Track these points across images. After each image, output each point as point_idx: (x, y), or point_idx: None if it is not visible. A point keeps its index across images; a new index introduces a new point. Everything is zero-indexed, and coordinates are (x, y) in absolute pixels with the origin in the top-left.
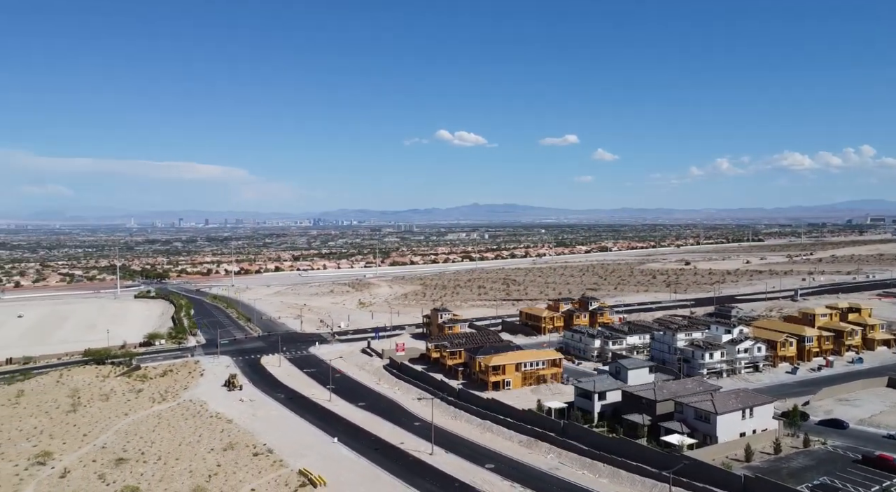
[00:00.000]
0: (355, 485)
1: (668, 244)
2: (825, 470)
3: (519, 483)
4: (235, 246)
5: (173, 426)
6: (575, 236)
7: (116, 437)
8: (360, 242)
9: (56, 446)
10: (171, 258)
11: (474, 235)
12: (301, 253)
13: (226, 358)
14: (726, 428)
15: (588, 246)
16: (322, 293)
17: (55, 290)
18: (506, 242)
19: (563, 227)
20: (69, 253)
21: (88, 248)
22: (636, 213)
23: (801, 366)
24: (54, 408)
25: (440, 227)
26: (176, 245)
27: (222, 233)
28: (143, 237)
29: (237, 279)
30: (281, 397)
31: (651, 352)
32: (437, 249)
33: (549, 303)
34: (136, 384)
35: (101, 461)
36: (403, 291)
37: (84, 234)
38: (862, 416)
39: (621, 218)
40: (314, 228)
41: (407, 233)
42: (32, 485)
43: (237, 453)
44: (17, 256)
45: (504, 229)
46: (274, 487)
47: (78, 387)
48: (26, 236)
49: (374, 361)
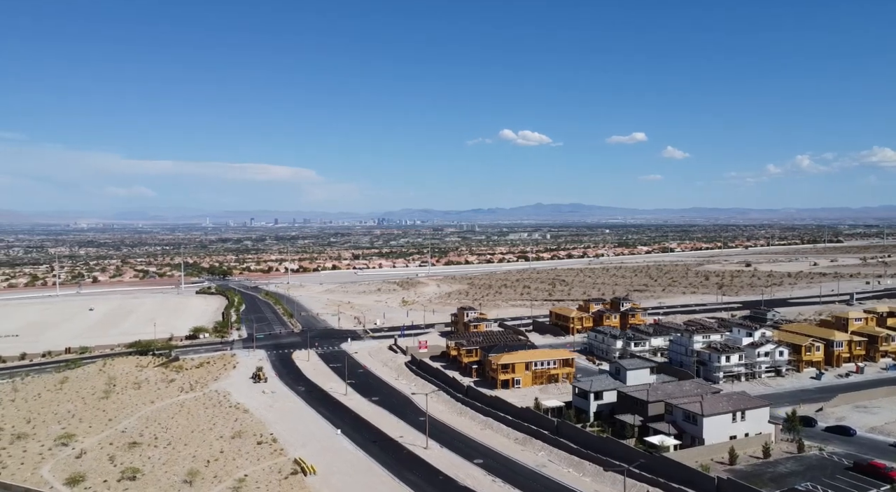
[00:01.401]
0: (345, 474)
1: (737, 245)
2: (811, 476)
3: (501, 478)
4: (301, 245)
5: (192, 414)
6: (640, 237)
7: (138, 422)
8: (421, 241)
9: (82, 429)
10: (240, 256)
11: (536, 235)
12: (362, 252)
13: (261, 352)
14: (714, 430)
15: (650, 247)
16: (369, 291)
17: (128, 285)
18: (567, 242)
19: (630, 227)
20: (148, 251)
21: (166, 246)
22: (708, 213)
23: (828, 371)
24: (90, 394)
25: (502, 226)
26: (246, 244)
27: (290, 232)
28: (216, 236)
29: (295, 277)
30: (301, 389)
31: (669, 354)
32: (496, 248)
33: (581, 303)
34: (171, 374)
35: (116, 444)
36: (449, 290)
37: (163, 232)
38: (875, 423)
39: (692, 218)
40: (378, 228)
41: (468, 233)
42: (51, 464)
43: (243, 441)
44: (102, 254)
45: (567, 229)
46: (267, 473)
47: (116, 376)
48: (112, 235)
49: (397, 358)
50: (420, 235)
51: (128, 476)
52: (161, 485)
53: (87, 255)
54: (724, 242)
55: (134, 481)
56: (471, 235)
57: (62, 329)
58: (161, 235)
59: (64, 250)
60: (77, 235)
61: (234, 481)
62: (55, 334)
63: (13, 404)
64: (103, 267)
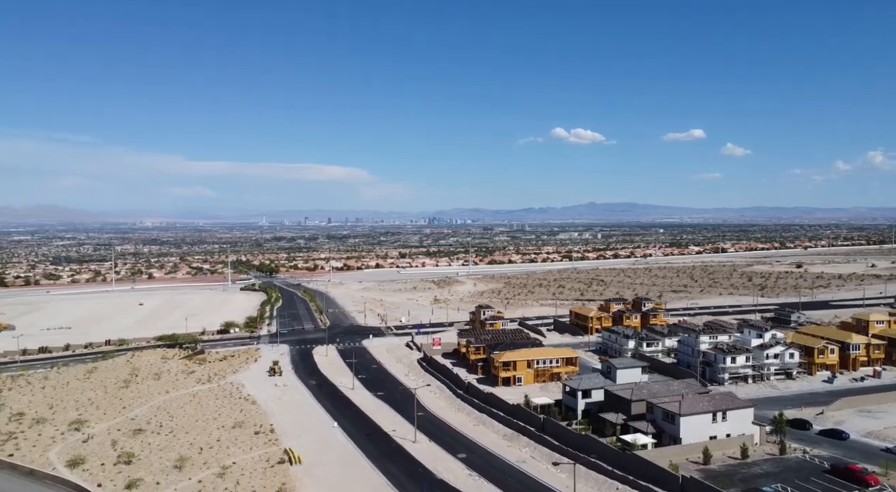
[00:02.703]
0: (329, 465)
1: (796, 246)
2: (785, 478)
3: (479, 472)
4: (352, 244)
5: (201, 404)
6: (694, 237)
7: (148, 411)
8: (469, 240)
9: (97, 415)
10: (291, 254)
11: (587, 234)
12: (409, 251)
13: (284, 347)
14: (692, 430)
15: (702, 247)
16: (405, 290)
17: (181, 282)
18: (618, 242)
19: (685, 226)
20: (206, 249)
21: (223, 244)
22: (770, 212)
23: (842, 375)
24: (112, 384)
25: (553, 226)
26: (299, 242)
27: (342, 231)
28: (271, 235)
29: (338, 275)
30: (312, 383)
31: (677, 355)
32: (544, 248)
33: (602, 303)
34: (193, 366)
35: (123, 431)
36: (484, 289)
37: (221, 231)
38: (874, 428)
39: (752, 217)
40: (428, 227)
41: (518, 232)
42: (59, 447)
43: (241, 431)
44: (164, 251)
45: (620, 229)
46: (255, 461)
47: (140, 367)
48: (174, 233)
49: (411, 355)
50: (469, 235)
51: (123, 460)
52: (152, 469)
53: (150, 252)
54: (782, 242)
55: (129, 464)
56: (520, 235)
57: (112, 323)
58: (219, 234)
59: (129, 248)
60: (142, 234)
61: (220, 467)
62: (104, 327)
63: (42, 391)
64: (162, 264)
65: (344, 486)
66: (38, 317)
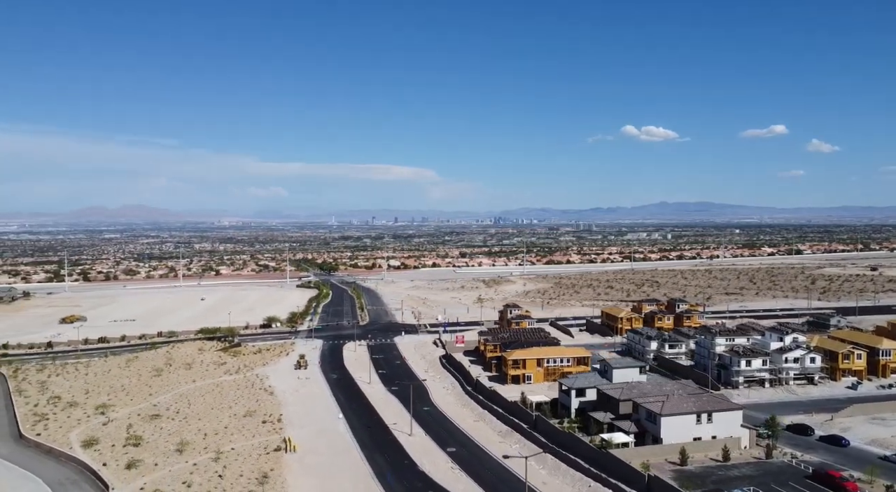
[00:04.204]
0: (322, 454)
1: (882, 248)
2: (760, 482)
3: (461, 466)
4: (416, 243)
5: (221, 393)
6: (772, 238)
7: (171, 398)
8: (534, 240)
9: (125, 401)
10: (355, 253)
11: (656, 235)
12: (471, 250)
13: (318, 341)
14: (674, 430)
15: (776, 249)
16: (453, 288)
17: (245, 279)
18: (688, 242)
19: (764, 227)
20: (276, 247)
21: (293, 242)
22: (860, 212)
23: (869, 382)
24: (146, 372)
25: (622, 226)
26: (365, 241)
27: (408, 230)
28: (339, 234)
29: (393, 273)
30: (333, 377)
31: (695, 357)
32: (608, 249)
33: (634, 304)
34: (226, 358)
35: (142, 416)
36: (532, 288)
37: (293, 230)
38: (880, 436)
39: (840, 217)
40: (494, 227)
41: (584, 232)
42: (81, 428)
43: (251, 419)
44: (238, 249)
45: (692, 229)
46: (253, 448)
47: (176, 357)
48: (249, 232)
49: (435, 352)
50: (534, 235)
51: (132, 443)
52: (156, 451)
53: (224, 250)
54: (866, 244)
55: (136, 447)
56: (586, 235)
57: (173, 316)
58: (290, 233)
59: (206, 246)
60: (219, 233)
61: (215, 452)
62: (164, 320)
63: (85, 377)
64: (233, 261)
65: (328, 473)
66: (110, 310)
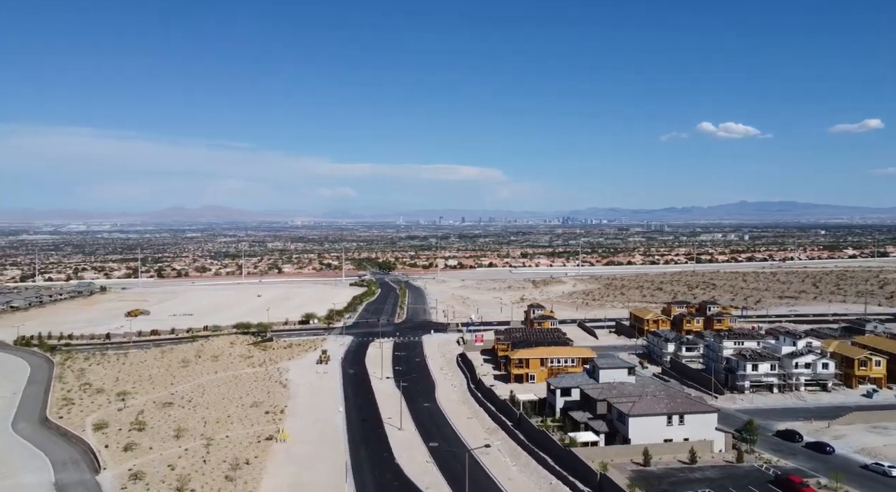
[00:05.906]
0: (310, 444)
1: None
2: (720, 485)
3: (435, 460)
4: (482, 242)
5: (237, 385)
6: (861, 239)
7: (189, 388)
8: (602, 241)
9: (147, 389)
10: (418, 252)
11: (732, 235)
12: (533, 251)
13: (348, 338)
14: (643, 431)
15: (860, 250)
16: (499, 288)
17: (305, 277)
18: (766, 244)
19: (854, 228)
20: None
21: (361, 242)
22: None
23: (889, 389)
24: (175, 363)
25: (697, 227)
26: (431, 241)
27: (474, 230)
28: (406, 233)
29: (447, 273)
30: (350, 372)
31: (705, 360)
32: (678, 249)
33: (664, 306)
34: (254, 352)
35: (156, 403)
36: (580, 289)
37: (361, 230)
38: (872, 445)
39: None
40: (561, 227)
41: (655, 233)
42: (98, 413)
43: (255, 410)
44: (307, 248)
45: (773, 230)
46: (246, 437)
47: (206, 350)
48: (319, 231)
49: (455, 351)
50: (602, 235)
51: (136, 428)
52: (155, 436)
53: (295, 249)
54: None
55: (140, 431)
56: (657, 236)
57: (228, 311)
58: (359, 232)
59: (278, 245)
60: (291, 232)
61: (206, 439)
62: (220, 315)
63: (122, 366)
64: (299, 259)
65: (308, 463)
66: (172, 304)
